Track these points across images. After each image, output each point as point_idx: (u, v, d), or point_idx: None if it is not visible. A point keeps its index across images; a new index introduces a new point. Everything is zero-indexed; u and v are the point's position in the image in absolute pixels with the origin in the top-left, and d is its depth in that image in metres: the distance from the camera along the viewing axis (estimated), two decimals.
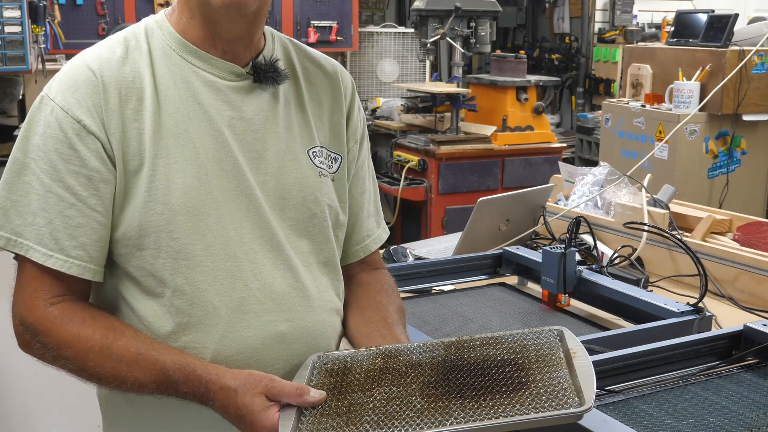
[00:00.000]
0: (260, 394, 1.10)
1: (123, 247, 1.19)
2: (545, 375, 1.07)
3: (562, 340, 1.14)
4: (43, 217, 1.15)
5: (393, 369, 1.13)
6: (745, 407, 1.30)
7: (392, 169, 5.11)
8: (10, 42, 3.07)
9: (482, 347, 1.15)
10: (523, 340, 1.15)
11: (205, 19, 1.22)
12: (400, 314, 1.39)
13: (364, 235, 1.43)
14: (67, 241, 1.16)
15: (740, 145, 4.47)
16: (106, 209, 1.18)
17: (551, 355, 1.11)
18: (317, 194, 1.29)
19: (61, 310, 1.16)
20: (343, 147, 1.37)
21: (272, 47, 1.32)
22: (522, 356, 1.12)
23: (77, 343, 1.15)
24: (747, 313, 1.95)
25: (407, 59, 6.35)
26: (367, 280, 1.43)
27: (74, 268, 1.17)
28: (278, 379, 1.12)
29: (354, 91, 1.42)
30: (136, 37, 1.24)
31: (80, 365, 1.16)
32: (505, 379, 1.07)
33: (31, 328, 1.16)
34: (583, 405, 1.00)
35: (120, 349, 1.15)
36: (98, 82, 1.18)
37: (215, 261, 1.20)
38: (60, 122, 1.16)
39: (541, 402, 1.02)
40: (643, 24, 7.16)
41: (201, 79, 1.23)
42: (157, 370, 1.14)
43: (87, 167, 1.16)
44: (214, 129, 1.22)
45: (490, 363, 1.11)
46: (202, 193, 1.19)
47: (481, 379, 1.08)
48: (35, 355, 1.19)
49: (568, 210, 2.44)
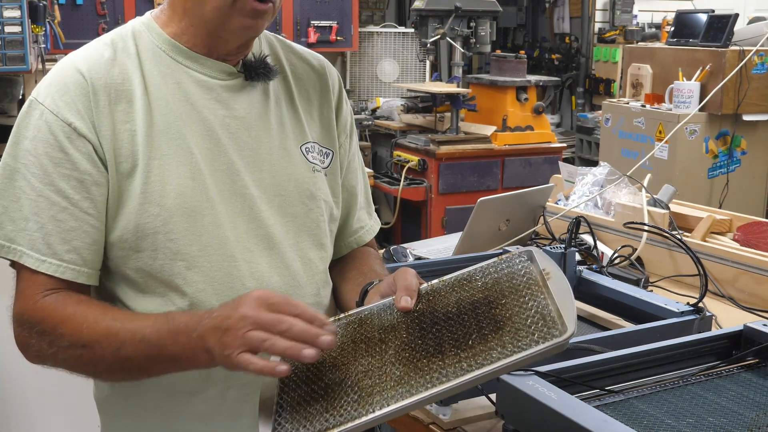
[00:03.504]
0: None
1: (120, 250, 1.19)
2: (522, 307, 1.02)
3: (533, 261, 1.10)
4: (35, 221, 1.14)
5: (367, 338, 1.08)
6: (745, 407, 1.29)
7: (392, 169, 5.11)
8: (10, 42, 3.06)
9: (454, 291, 1.10)
10: (494, 272, 1.11)
11: (210, 34, 1.22)
12: (381, 267, 1.41)
13: (357, 226, 1.45)
14: (59, 246, 1.15)
15: (740, 145, 4.47)
16: (98, 212, 1.17)
17: (525, 283, 1.06)
18: (312, 189, 1.30)
19: (55, 299, 1.15)
20: (335, 142, 1.37)
21: (259, 44, 1.32)
22: (495, 291, 1.07)
23: (73, 318, 1.13)
24: (747, 313, 1.95)
25: (407, 59, 6.35)
26: (351, 254, 1.46)
27: (68, 272, 1.16)
28: None
29: (341, 85, 1.42)
30: (123, 40, 1.24)
31: (76, 338, 1.12)
32: (481, 321, 1.03)
33: (27, 322, 1.15)
34: (565, 331, 0.96)
35: (114, 314, 1.15)
36: (87, 84, 1.17)
37: (212, 261, 1.20)
38: (50, 125, 1.15)
39: (522, 338, 0.98)
40: (643, 24, 7.16)
41: (192, 79, 1.23)
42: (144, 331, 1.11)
43: (78, 170, 1.15)
44: (208, 129, 1.22)
45: (464, 307, 1.07)
46: (198, 194, 1.19)
47: (458, 328, 1.04)
48: (33, 352, 1.17)
49: (568, 210, 2.44)
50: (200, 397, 1.23)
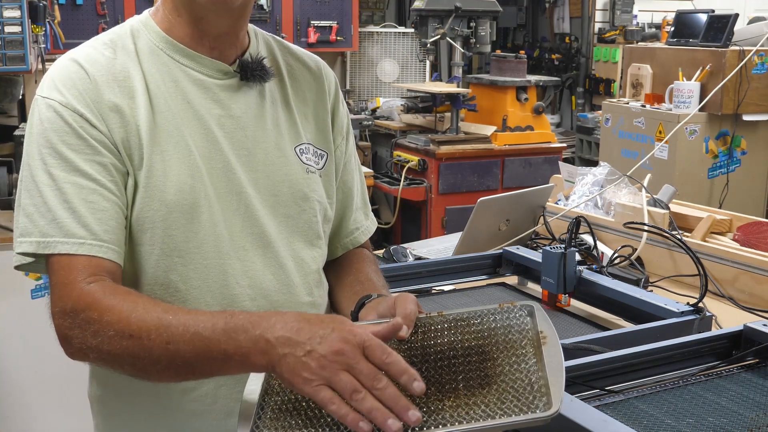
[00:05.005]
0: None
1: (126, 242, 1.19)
2: (513, 367, 1.02)
3: (533, 318, 1.09)
4: (65, 209, 1.12)
5: None
6: (745, 407, 1.30)
7: (392, 169, 5.11)
8: (10, 42, 3.06)
9: (449, 332, 1.10)
10: (491, 321, 1.10)
11: (191, 16, 1.23)
12: (377, 274, 1.40)
13: (353, 227, 1.45)
14: (97, 226, 1.13)
15: (740, 145, 4.47)
16: (123, 196, 1.17)
17: (520, 341, 1.06)
18: (306, 190, 1.30)
19: (101, 286, 1.10)
20: (330, 143, 1.38)
21: (257, 45, 1.33)
22: (489, 342, 1.07)
23: (121, 306, 1.07)
24: (747, 313, 1.95)
25: (407, 59, 6.35)
26: (347, 255, 1.45)
27: (110, 252, 1.13)
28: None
29: (337, 87, 1.43)
30: (122, 38, 1.24)
31: (124, 326, 1.05)
32: (470, 371, 1.03)
33: (71, 311, 1.08)
34: (550, 408, 0.95)
35: (167, 307, 1.10)
36: (90, 79, 1.17)
37: (207, 259, 1.20)
38: (61, 115, 1.15)
39: (506, 401, 0.97)
40: (643, 24, 7.16)
41: (189, 78, 1.23)
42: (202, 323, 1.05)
43: (99, 154, 1.15)
44: (204, 127, 1.22)
45: (456, 352, 1.06)
46: (196, 191, 1.19)
47: (446, 371, 1.03)
48: (76, 345, 1.09)
49: (568, 210, 2.44)
50: (193, 395, 1.23)
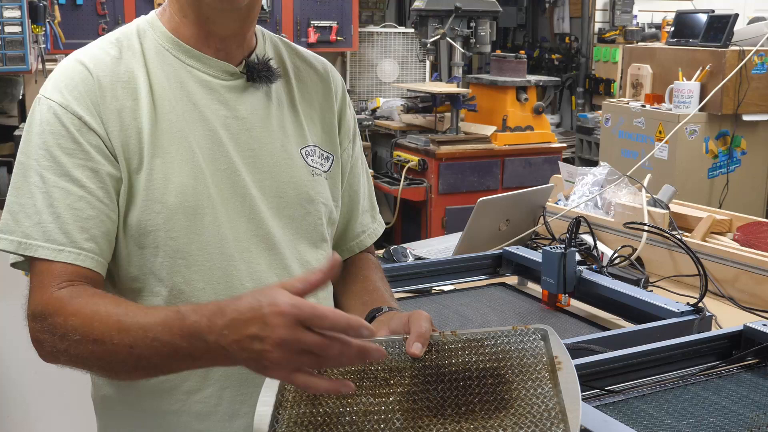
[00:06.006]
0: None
1: (124, 248, 1.19)
2: (528, 392, 1.03)
3: (546, 342, 1.10)
4: (50, 213, 1.13)
5: (372, 374, 1.08)
6: (745, 407, 1.30)
7: (392, 169, 5.11)
8: (10, 42, 3.07)
9: (463, 352, 1.10)
10: (505, 343, 1.11)
11: (198, 17, 1.22)
12: (384, 282, 1.40)
13: (359, 230, 1.45)
14: (78, 234, 1.13)
15: (740, 145, 4.47)
16: (113, 203, 1.17)
17: (534, 365, 1.07)
18: (311, 193, 1.30)
19: (69, 291, 1.11)
20: (336, 146, 1.37)
21: (264, 46, 1.32)
22: (504, 365, 1.07)
23: (84, 310, 1.07)
24: (747, 313, 1.95)
25: (407, 59, 6.35)
26: (352, 260, 1.45)
27: (88, 260, 1.13)
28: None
29: (344, 90, 1.43)
30: (128, 38, 1.24)
31: (87, 331, 1.05)
32: (486, 394, 1.03)
33: (40, 315, 1.09)
34: None
35: (127, 308, 1.08)
36: (94, 80, 1.18)
37: (211, 260, 1.20)
38: (60, 118, 1.15)
39: (524, 428, 0.98)
40: (643, 24, 7.16)
41: (195, 79, 1.23)
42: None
43: (92, 160, 1.15)
44: (209, 129, 1.22)
45: (471, 373, 1.07)
46: (198, 193, 1.19)
47: (462, 393, 1.04)
48: (47, 349, 1.10)
49: (568, 210, 2.44)
50: (197, 397, 1.23)
